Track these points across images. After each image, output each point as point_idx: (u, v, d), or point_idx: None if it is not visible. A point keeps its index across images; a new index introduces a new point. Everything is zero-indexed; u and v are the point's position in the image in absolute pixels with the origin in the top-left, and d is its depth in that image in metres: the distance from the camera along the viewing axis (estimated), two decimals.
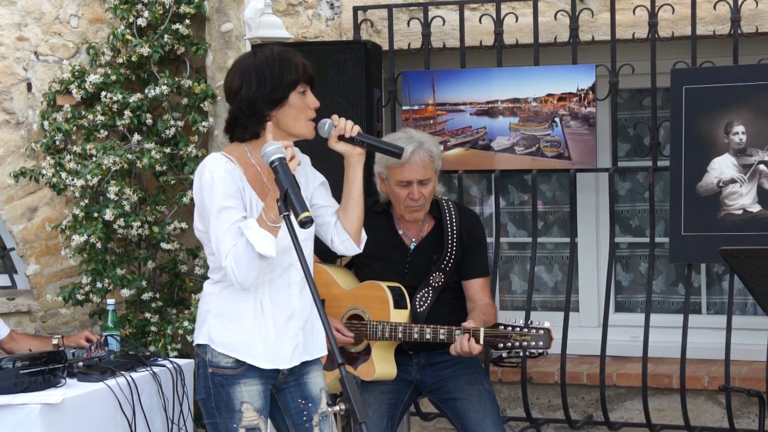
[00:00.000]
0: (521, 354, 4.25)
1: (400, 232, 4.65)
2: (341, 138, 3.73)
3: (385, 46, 5.38)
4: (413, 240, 4.64)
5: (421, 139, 4.51)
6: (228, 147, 3.76)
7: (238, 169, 3.65)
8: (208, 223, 3.64)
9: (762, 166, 4.75)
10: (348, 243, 3.81)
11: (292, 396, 3.80)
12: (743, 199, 4.77)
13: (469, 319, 4.40)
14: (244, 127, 3.70)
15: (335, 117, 3.74)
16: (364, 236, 3.85)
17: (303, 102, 3.67)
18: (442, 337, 4.37)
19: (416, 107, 5.35)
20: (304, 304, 3.74)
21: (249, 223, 3.53)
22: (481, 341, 4.26)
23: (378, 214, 4.66)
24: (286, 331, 3.71)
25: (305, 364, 3.78)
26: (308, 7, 5.78)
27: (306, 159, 3.86)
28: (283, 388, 3.79)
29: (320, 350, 3.82)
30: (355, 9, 5.50)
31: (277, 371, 3.73)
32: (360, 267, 4.71)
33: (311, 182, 3.84)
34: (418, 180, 4.47)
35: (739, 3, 4.89)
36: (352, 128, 3.71)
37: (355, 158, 3.75)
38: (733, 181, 4.79)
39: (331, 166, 4.23)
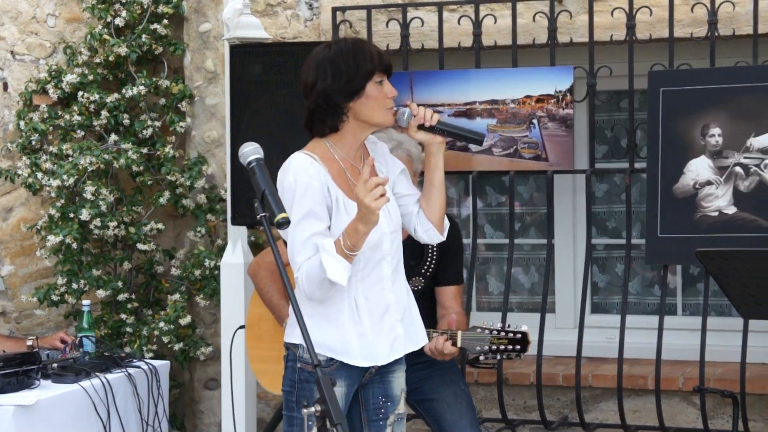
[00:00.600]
0: (498, 357, 4.24)
1: None
2: (421, 127, 3.67)
3: None
4: None
5: (401, 138, 4.51)
6: (309, 144, 3.68)
7: (323, 168, 3.58)
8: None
9: (738, 168, 4.78)
10: (432, 232, 3.74)
11: (374, 392, 3.74)
12: (719, 201, 4.79)
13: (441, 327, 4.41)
14: (323, 121, 3.62)
15: (414, 106, 3.67)
16: (447, 224, 3.77)
17: (380, 92, 3.60)
18: None
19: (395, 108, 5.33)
20: (398, 296, 3.68)
21: (327, 246, 3.46)
22: (459, 344, 4.26)
23: None
24: (383, 326, 3.64)
25: (392, 363, 3.70)
26: (287, 8, 5.77)
27: (384, 147, 3.80)
28: (366, 383, 3.72)
29: (423, 338, 3.78)
30: (334, 10, 5.50)
31: (366, 371, 3.67)
32: None
33: (392, 170, 3.75)
34: None
35: (717, 5, 4.91)
36: (432, 117, 3.65)
37: (435, 147, 3.68)
38: (709, 183, 4.81)
39: None
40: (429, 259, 4.56)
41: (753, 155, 4.75)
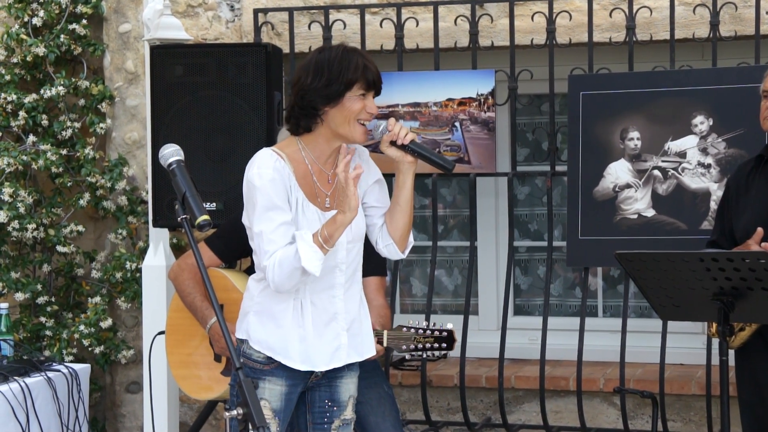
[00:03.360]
0: (424, 356, 4.25)
1: None
2: (393, 144, 3.64)
3: (286, 49, 5.37)
4: None
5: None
6: (282, 142, 3.68)
7: (288, 167, 3.57)
8: (252, 220, 3.56)
9: (656, 172, 4.85)
10: (392, 248, 3.73)
11: (321, 395, 3.73)
12: (638, 203, 4.86)
13: None
14: (297, 119, 3.61)
15: (392, 121, 3.65)
16: (410, 243, 3.77)
17: (357, 104, 3.57)
18: None
19: None
20: (349, 305, 3.67)
21: (304, 235, 3.47)
22: (385, 343, 4.27)
23: None
24: (326, 333, 3.64)
25: (336, 371, 3.70)
26: (208, 9, 5.74)
27: (365, 152, 3.78)
28: (314, 386, 3.72)
29: (369, 350, 3.75)
30: (256, 11, 5.48)
31: (310, 373, 3.66)
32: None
33: (366, 178, 3.72)
34: None
35: (635, 11, 4.98)
36: (405, 135, 3.62)
37: (405, 166, 3.66)
38: (628, 186, 4.88)
39: None
40: None
41: (671, 159, 4.83)
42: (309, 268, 3.46)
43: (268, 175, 3.53)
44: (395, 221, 3.70)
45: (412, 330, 4.25)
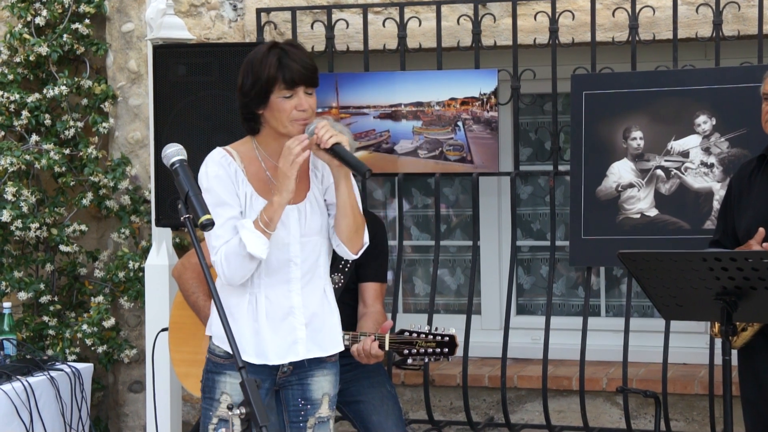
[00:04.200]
0: (425, 360, 4.26)
1: None
2: (318, 146, 3.60)
3: None
4: None
5: (334, 123, 4.58)
6: (239, 141, 3.72)
7: (235, 164, 3.60)
8: None
9: (659, 171, 4.84)
10: (341, 248, 3.72)
11: (294, 394, 3.74)
12: (641, 203, 4.86)
13: (362, 326, 4.42)
14: (243, 121, 3.67)
15: (320, 123, 3.59)
16: (365, 243, 3.72)
17: (284, 105, 3.55)
18: (346, 342, 4.35)
19: (320, 110, 5.33)
20: (308, 300, 3.68)
21: (245, 223, 3.52)
22: (387, 347, 4.27)
23: None
24: (281, 328, 3.65)
25: (312, 366, 3.71)
26: (211, 8, 5.74)
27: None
28: (286, 384, 3.74)
29: (334, 346, 3.75)
30: (258, 11, 5.48)
31: (275, 369, 3.68)
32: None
33: (327, 176, 3.71)
34: None
35: (637, 11, 4.98)
36: (327, 140, 3.56)
37: (335, 170, 3.62)
38: (631, 185, 4.88)
39: None
40: None
41: (674, 158, 4.83)
42: (254, 253, 3.50)
43: (213, 171, 3.59)
44: (338, 223, 3.69)
45: (414, 334, 4.25)
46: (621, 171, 4.89)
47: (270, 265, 3.62)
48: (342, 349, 3.80)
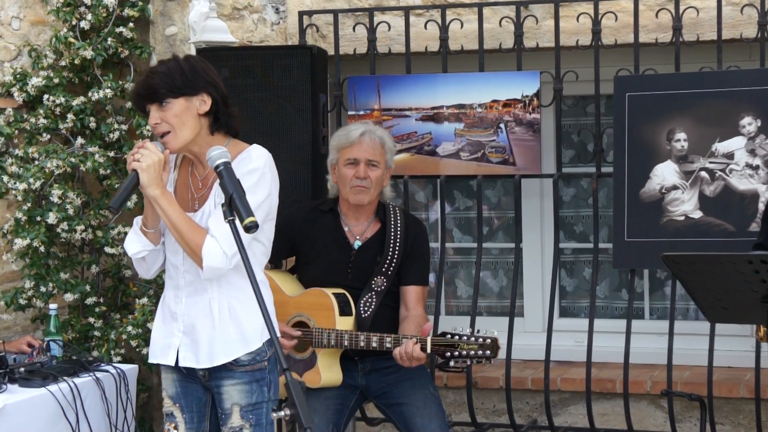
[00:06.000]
0: (468, 363, 4.26)
1: (346, 229, 4.65)
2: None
3: (331, 51, 5.38)
4: (357, 238, 4.64)
5: (375, 128, 4.67)
6: None
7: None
8: None
9: (703, 173, 4.81)
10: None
11: (216, 402, 3.86)
12: (685, 205, 4.83)
13: (403, 329, 4.44)
14: None
15: (138, 143, 3.79)
16: (209, 267, 3.67)
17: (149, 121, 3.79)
18: (388, 345, 4.36)
19: (362, 112, 5.35)
20: (190, 309, 3.80)
21: (136, 219, 3.83)
22: (428, 350, 4.27)
23: (323, 213, 4.67)
24: (165, 329, 3.86)
25: (222, 374, 3.78)
26: (253, 12, 5.76)
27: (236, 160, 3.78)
28: (212, 390, 3.85)
29: (209, 360, 3.77)
30: (301, 14, 5.50)
31: (190, 368, 3.82)
32: (303, 268, 4.71)
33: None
34: (367, 159, 4.56)
35: (681, 11, 4.95)
36: (128, 163, 3.76)
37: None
38: (675, 187, 4.85)
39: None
40: (389, 259, 4.57)
41: (718, 160, 4.79)
42: (125, 248, 3.84)
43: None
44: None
45: (456, 337, 4.25)
46: (665, 173, 4.86)
47: (168, 268, 3.85)
48: (218, 363, 3.78)
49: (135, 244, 3.82)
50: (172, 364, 3.82)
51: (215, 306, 3.77)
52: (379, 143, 4.59)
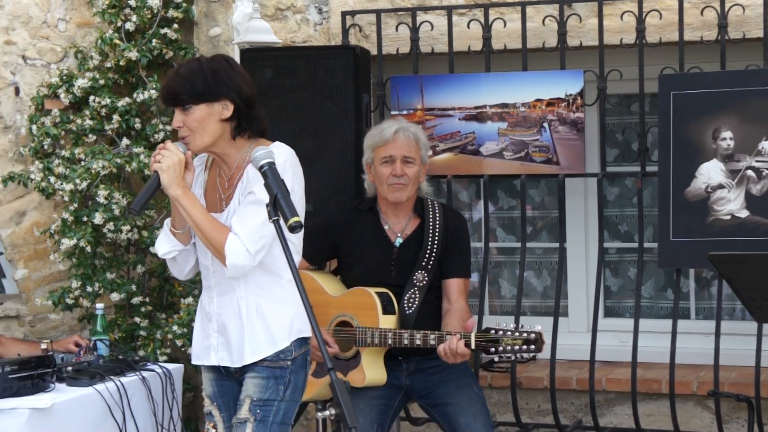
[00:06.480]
0: (512, 358, 4.24)
1: (386, 227, 4.66)
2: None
3: (374, 51, 5.39)
4: (398, 235, 4.65)
5: (408, 124, 4.69)
6: None
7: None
8: None
9: (750, 172, 4.77)
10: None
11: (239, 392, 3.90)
12: (731, 204, 4.79)
13: (446, 323, 4.43)
14: None
15: (162, 145, 3.81)
16: (233, 265, 3.67)
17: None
18: (432, 342, 4.36)
19: (405, 112, 5.35)
20: (223, 310, 3.82)
21: (167, 221, 3.85)
22: (473, 345, 4.26)
23: (363, 212, 4.68)
24: (202, 331, 3.90)
25: (244, 370, 3.82)
26: (296, 12, 5.78)
27: (255, 172, 3.70)
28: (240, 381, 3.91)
29: (240, 359, 3.80)
30: (344, 14, 5.51)
31: (228, 367, 3.85)
32: (345, 269, 4.72)
33: (249, 188, 3.76)
34: (402, 156, 4.56)
35: (726, 9, 4.91)
36: (151, 165, 3.79)
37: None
38: (721, 186, 4.81)
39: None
40: (429, 252, 4.57)
41: (765, 159, 4.75)
42: (156, 248, 3.90)
43: None
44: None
45: (500, 332, 4.24)
46: (710, 172, 4.82)
47: (201, 269, 3.89)
48: (251, 361, 3.79)
49: (165, 244, 3.87)
50: (213, 364, 3.86)
51: (243, 305, 3.79)
52: (413, 139, 4.59)
